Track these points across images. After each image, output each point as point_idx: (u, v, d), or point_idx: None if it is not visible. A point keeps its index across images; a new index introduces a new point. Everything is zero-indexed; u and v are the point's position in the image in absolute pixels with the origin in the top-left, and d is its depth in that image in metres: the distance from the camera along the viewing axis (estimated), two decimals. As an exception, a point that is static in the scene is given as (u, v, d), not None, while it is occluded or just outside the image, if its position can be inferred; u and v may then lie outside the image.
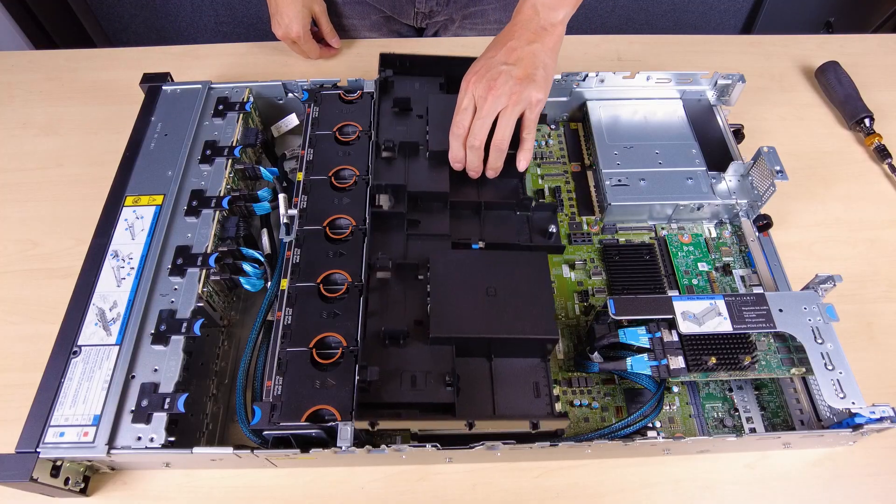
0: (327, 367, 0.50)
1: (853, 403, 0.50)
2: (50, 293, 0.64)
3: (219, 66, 0.85)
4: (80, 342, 0.52)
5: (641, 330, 0.53)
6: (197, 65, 0.86)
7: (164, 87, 0.70)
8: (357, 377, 0.49)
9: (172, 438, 0.49)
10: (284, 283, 0.54)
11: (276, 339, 0.52)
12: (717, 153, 0.70)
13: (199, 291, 0.54)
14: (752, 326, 0.52)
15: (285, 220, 0.59)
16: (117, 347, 0.52)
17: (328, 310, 0.53)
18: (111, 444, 0.48)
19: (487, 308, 0.52)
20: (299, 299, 0.53)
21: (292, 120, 0.74)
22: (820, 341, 0.52)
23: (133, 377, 0.51)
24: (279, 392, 0.49)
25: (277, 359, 0.50)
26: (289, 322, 0.52)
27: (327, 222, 0.58)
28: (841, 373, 0.51)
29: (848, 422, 0.51)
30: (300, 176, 0.62)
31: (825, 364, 0.51)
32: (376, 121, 0.65)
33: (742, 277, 0.64)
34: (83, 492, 0.52)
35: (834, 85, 0.81)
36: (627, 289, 0.63)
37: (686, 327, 0.52)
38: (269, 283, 0.58)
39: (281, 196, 0.62)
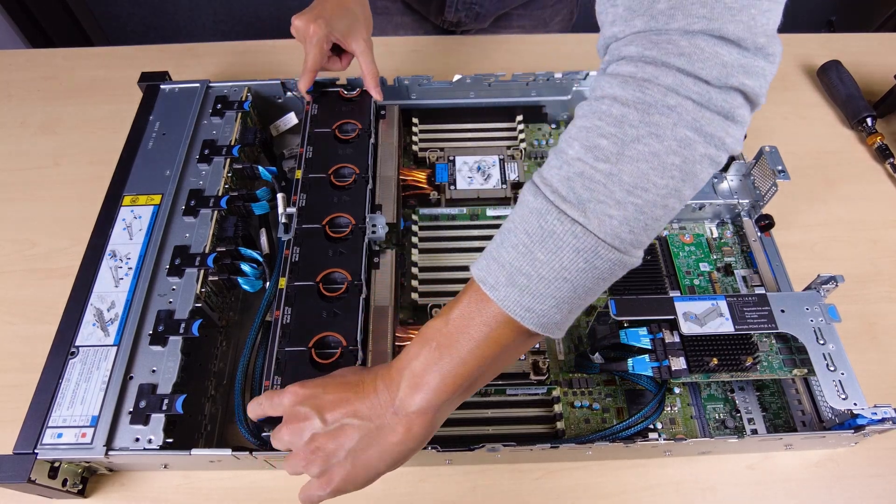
0: (327, 367, 0.50)
1: (855, 404, 0.49)
2: (48, 293, 0.64)
3: (217, 64, 0.85)
4: (77, 343, 0.52)
5: (643, 331, 0.53)
6: (195, 63, 0.85)
7: (162, 86, 0.70)
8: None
9: (170, 440, 0.48)
10: (283, 282, 0.54)
11: (274, 339, 0.51)
12: (718, 152, 0.69)
13: (198, 292, 0.54)
14: (754, 327, 0.52)
15: (283, 221, 0.58)
16: (115, 348, 0.51)
17: (328, 309, 0.53)
18: (109, 445, 0.47)
19: None
20: (298, 298, 0.53)
21: (291, 119, 0.73)
22: (822, 342, 0.52)
23: (131, 378, 0.50)
24: None
25: (276, 358, 0.50)
26: (287, 321, 0.52)
27: (327, 220, 0.57)
28: (843, 374, 0.50)
29: (850, 423, 0.51)
30: (298, 174, 0.61)
31: (827, 365, 0.51)
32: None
33: (744, 278, 0.64)
34: (81, 493, 0.52)
35: (836, 84, 0.81)
36: (629, 289, 0.62)
37: (688, 328, 0.51)
38: (268, 283, 0.58)
39: (280, 196, 0.61)
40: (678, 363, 0.51)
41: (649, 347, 0.52)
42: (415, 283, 0.62)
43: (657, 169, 0.34)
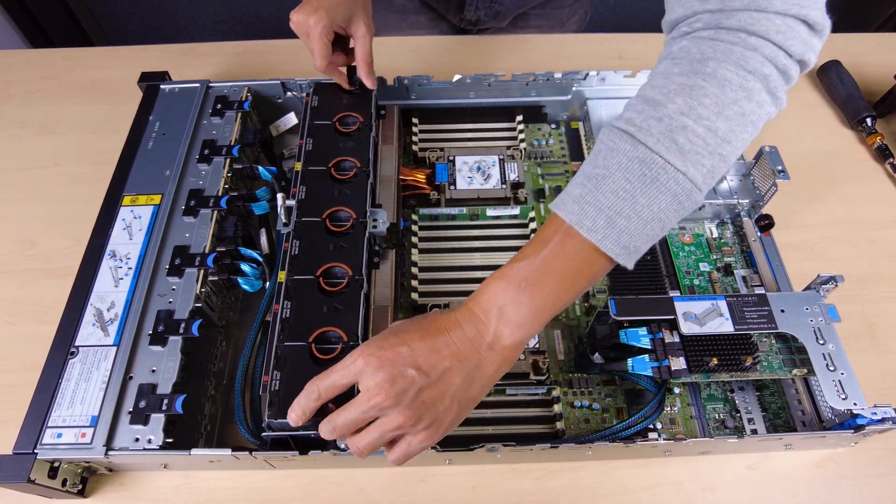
0: (327, 363, 0.49)
1: (855, 404, 0.49)
2: (47, 293, 0.64)
3: (217, 64, 0.85)
4: (77, 343, 0.52)
5: (643, 330, 0.53)
6: (195, 63, 0.85)
7: (162, 86, 0.70)
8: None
9: (170, 440, 0.48)
10: (282, 276, 0.53)
11: (273, 333, 0.51)
12: (718, 152, 0.69)
13: (198, 292, 0.54)
14: (754, 327, 0.52)
15: (283, 221, 0.58)
16: (115, 348, 0.51)
17: (328, 304, 0.52)
18: (109, 445, 0.47)
19: None
20: (298, 292, 0.52)
21: (291, 119, 0.73)
22: (822, 342, 0.52)
23: (131, 378, 0.50)
24: (276, 388, 0.48)
25: (275, 353, 0.49)
26: (287, 315, 0.51)
27: (327, 214, 0.57)
28: (842, 374, 0.50)
29: (850, 423, 0.51)
30: (298, 165, 0.60)
31: (827, 365, 0.51)
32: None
33: (744, 278, 0.64)
34: (81, 493, 0.52)
35: (836, 84, 0.81)
36: (629, 289, 0.62)
37: (687, 328, 0.51)
38: (268, 283, 0.57)
39: (279, 195, 0.61)
40: (678, 363, 0.51)
41: (649, 347, 0.52)
42: (415, 283, 0.62)
43: (742, 125, 0.40)
